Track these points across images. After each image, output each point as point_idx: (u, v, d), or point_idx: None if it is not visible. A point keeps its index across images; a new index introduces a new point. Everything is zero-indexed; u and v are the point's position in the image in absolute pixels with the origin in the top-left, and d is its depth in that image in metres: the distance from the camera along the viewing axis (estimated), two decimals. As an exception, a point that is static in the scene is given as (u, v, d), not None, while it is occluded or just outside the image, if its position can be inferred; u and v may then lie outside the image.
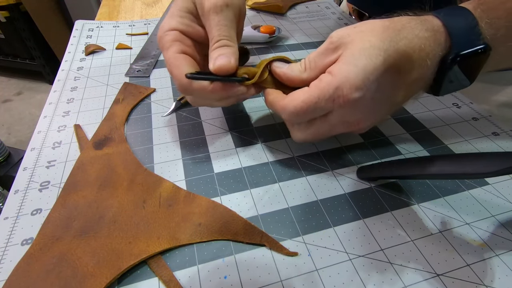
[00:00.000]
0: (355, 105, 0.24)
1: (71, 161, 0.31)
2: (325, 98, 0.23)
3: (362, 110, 0.25)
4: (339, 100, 0.23)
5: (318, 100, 0.23)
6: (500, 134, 0.34)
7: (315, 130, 0.27)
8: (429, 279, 0.22)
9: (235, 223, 0.25)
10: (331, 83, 0.23)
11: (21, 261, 0.23)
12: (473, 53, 0.23)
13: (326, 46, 0.25)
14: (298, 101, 0.24)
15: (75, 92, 0.40)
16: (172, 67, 0.28)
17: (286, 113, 0.26)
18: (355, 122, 0.26)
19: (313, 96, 0.24)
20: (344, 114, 0.25)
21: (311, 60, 0.26)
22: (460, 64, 0.24)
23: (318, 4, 0.66)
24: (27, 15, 1.57)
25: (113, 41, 0.52)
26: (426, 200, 0.27)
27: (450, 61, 0.24)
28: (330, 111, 0.25)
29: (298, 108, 0.24)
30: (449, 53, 0.23)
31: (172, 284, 0.22)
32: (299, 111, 0.25)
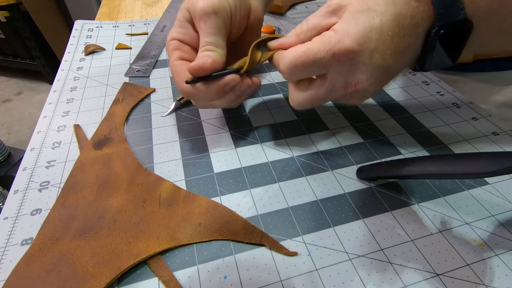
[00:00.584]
0: (354, 61, 0.24)
1: (70, 161, 0.31)
2: (326, 49, 0.24)
3: (361, 69, 0.25)
4: (339, 53, 0.23)
5: (318, 51, 0.24)
6: (500, 134, 0.34)
7: (313, 92, 0.27)
8: (429, 279, 0.22)
9: (235, 223, 0.25)
10: (334, 35, 0.24)
11: (20, 261, 0.23)
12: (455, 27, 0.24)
13: (324, 9, 0.26)
14: (299, 52, 0.25)
15: (74, 92, 0.40)
16: (173, 74, 0.30)
17: (285, 63, 0.26)
18: (353, 82, 0.26)
19: (314, 47, 0.24)
20: (343, 71, 0.25)
21: (309, 22, 0.27)
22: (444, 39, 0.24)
23: (318, 4, 0.66)
24: (27, 15, 1.57)
25: (112, 41, 0.52)
26: (426, 200, 0.27)
27: (433, 34, 0.24)
28: (329, 67, 0.25)
29: (297, 57, 0.25)
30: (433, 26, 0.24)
31: (172, 284, 0.22)
32: (298, 60, 0.25)
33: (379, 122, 0.35)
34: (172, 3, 0.65)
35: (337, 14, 0.25)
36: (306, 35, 0.27)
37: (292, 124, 0.35)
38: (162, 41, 0.51)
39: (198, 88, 0.29)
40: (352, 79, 0.25)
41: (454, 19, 0.24)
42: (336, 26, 0.25)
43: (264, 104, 0.38)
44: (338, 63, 0.24)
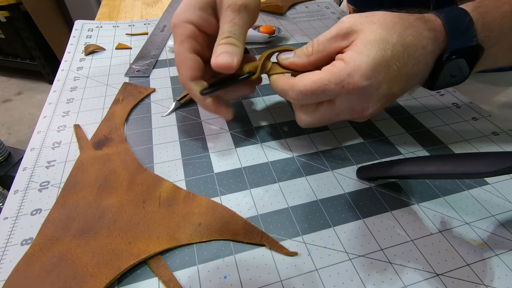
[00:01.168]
0: (362, 93, 0.25)
1: (70, 161, 0.31)
2: (336, 82, 0.24)
3: (368, 98, 0.26)
4: (348, 86, 0.24)
5: (328, 83, 0.24)
6: (500, 134, 0.34)
7: (321, 114, 0.27)
8: (429, 279, 0.22)
9: (235, 223, 0.25)
10: (344, 69, 0.24)
11: (20, 261, 0.23)
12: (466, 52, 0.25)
13: (336, 31, 0.26)
14: (309, 81, 0.25)
15: (74, 92, 0.40)
16: (180, 65, 0.29)
17: (295, 91, 0.26)
18: (359, 109, 0.27)
19: (324, 79, 0.24)
20: (351, 100, 0.26)
21: (319, 43, 0.27)
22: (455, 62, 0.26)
23: (318, 4, 0.66)
24: (27, 15, 1.57)
25: (112, 41, 0.52)
26: (426, 200, 0.27)
27: (445, 59, 0.25)
28: (337, 96, 0.25)
29: (308, 87, 0.25)
30: (445, 51, 0.25)
31: (172, 284, 0.22)
32: (308, 90, 0.25)
33: (379, 122, 0.35)
34: (172, 3, 0.65)
35: (348, 38, 0.26)
36: (316, 56, 0.27)
37: (292, 124, 0.35)
38: (162, 41, 0.51)
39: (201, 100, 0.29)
40: (359, 107, 0.26)
41: (466, 45, 0.25)
42: (347, 56, 0.25)
43: (264, 104, 0.38)
44: (347, 94, 0.25)
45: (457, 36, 0.25)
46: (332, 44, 0.26)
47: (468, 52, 0.25)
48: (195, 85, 0.29)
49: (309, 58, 0.27)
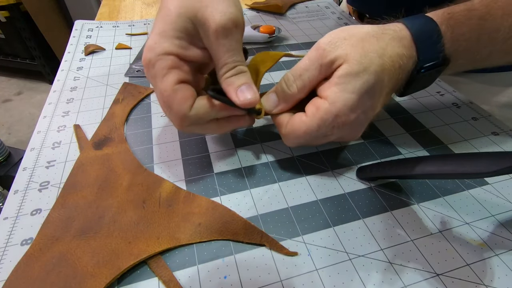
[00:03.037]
0: (352, 124, 0.25)
1: (70, 161, 0.31)
2: (325, 125, 0.25)
3: (357, 127, 0.27)
4: (338, 125, 0.25)
5: (318, 128, 0.25)
6: (500, 134, 0.34)
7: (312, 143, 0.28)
8: (429, 279, 0.22)
9: (235, 223, 0.25)
10: (330, 111, 0.24)
11: (20, 261, 0.23)
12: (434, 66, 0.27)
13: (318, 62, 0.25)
14: (300, 132, 0.26)
15: (74, 92, 0.40)
16: (171, 101, 0.24)
17: (289, 143, 0.28)
18: (351, 136, 0.28)
19: (313, 126, 0.25)
20: (342, 132, 0.26)
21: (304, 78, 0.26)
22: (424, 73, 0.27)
23: (317, 3, 0.66)
24: (27, 15, 1.57)
25: (112, 41, 0.52)
26: (426, 199, 0.27)
27: (416, 73, 0.27)
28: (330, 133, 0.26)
29: (300, 139, 0.26)
30: (416, 66, 0.26)
31: (172, 284, 0.22)
32: (302, 141, 0.27)
33: (379, 122, 0.35)
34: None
35: (331, 67, 0.25)
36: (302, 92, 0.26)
37: (292, 124, 0.35)
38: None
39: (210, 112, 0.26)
40: (351, 135, 0.28)
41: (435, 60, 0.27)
42: (331, 95, 0.24)
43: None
44: (338, 129, 0.25)
45: (426, 52, 0.26)
46: (316, 76, 0.25)
47: (437, 65, 0.27)
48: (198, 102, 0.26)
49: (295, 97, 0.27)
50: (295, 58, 0.47)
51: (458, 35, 0.26)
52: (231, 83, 0.25)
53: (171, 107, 0.25)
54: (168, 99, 0.25)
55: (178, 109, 0.25)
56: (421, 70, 0.26)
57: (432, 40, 0.26)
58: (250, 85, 0.26)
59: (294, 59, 0.47)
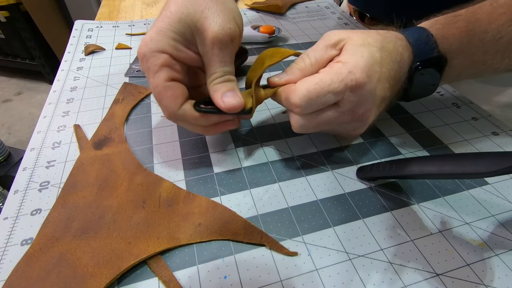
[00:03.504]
0: (363, 90, 0.25)
1: (70, 161, 0.31)
2: (339, 80, 0.24)
3: (368, 100, 0.26)
4: (352, 84, 0.24)
5: (331, 82, 0.24)
6: (500, 134, 0.34)
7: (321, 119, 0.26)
8: (429, 279, 0.22)
9: (235, 223, 0.25)
10: (344, 67, 0.24)
11: (20, 261, 0.23)
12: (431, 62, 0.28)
13: (324, 43, 0.27)
14: (311, 83, 0.24)
15: (74, 92, 0.40)
16: (162, 97, 0.26)
17: (299, 96, 0.24)
18: (361, 113, 0.26)
19: (326, 78, 0.24)
20: (353, 101, 0.25)
21: (311, 56, 0.27)
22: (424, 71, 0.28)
23: (318, 3, 0.66)
24: (27, 15, 1.57)
25: (112, 41, 0.52)
26: (426, 199, 0.27)
27: (414, 69, 0.27)
28: (342, 96, 0.25)
29: (311, 89, 0.24)
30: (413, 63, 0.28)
31: (172, 284, 0.22)
32: (313, 92, 0.24)
33: (379, 122, 0.35)
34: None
35: (336, 47, 0.27)
36: (310, 69, 0.27)
37: (292, 124, 0.35)
38: (162, 41, 0.51)
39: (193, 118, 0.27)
40: (361, 109, 0.26)
41: (428, 56, 0.27)
42: (343, 58, 0.25)
43: (264, 104, 0.38)
44: (350, 93, 0.25)
45: (420, 49, 0.27)
46: (323, 54, 0.27)
47: (433, 62, 0.28)
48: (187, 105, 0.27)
49: (304, 72, 0.27)
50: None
51: (448, 34, 0.28)
52: (217, 89, 0.26)
53: (161, 102, 0.26)
54: (159, 95, 0.26)
55: (167, 105, 0.26)
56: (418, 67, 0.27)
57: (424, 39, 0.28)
58: (236, 91, 0.27)
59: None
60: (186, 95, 0.27)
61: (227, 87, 0.26)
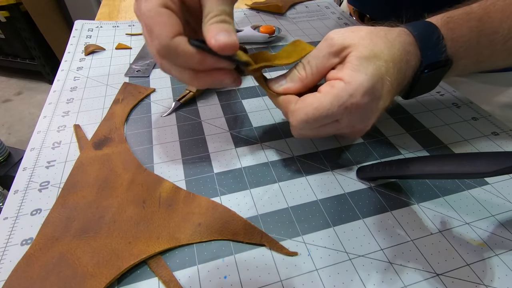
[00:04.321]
0: (363, 111, 0.25)
1: (70, 161, 0.31)
2: (339, 104, 0.24)
3: (368, 116, 0.26)
4: (351, 107, 0.24)
5: (331, 107, 0.24)
6: (500, 134, 0.34)
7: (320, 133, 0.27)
8: (429, 279, 0.22)
9: (235, 223, 0.25)
10: (346, 89, 0.24)
11: (20, 261, 0.23)
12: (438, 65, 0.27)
13: (327, 50, 0.26)
14: (310, 108, 0.24)
15: (74, 92, 0.40)
16: (154, 22, 0.23)
17: (297, 120, 0.25)
18: (360, 127, 0.27)
19: (327, 103, 0.24)
20: (353, 119, 0.26)
21: (312, 65, 0.26)
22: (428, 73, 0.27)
23: (318, 4, 0.66)
24: (27, 15, 1.57)
25: (112, 41, 0.52)
26: (426, 199, 0.27)
27: (420, 72, 0.27)
28: (341, 118, 0.25)
29: (310, 115, 0.24)
30: (420, 66, 0.27)
31: (172, 284, 0.22)
32: (311, 117, 0.24)
33: (379, 122, 0.35)
34: None
35: (340, 55, 0.25)
36: (311, 79, 0.27)
37: (292, 124, 0.35)
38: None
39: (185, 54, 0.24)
40: (360, 125, 0.27)
41: (437, 59, 0.27)
42: (346, 75, 0.24)
43: (264, 104, 0.38)
44: (350, 114, 0.25)
45: (429, 53, 0.26)
46: (325, 62, 0.26)
47: (439, 65, 0.27)
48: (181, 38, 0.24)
49: (304, 82, 0.27)
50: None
51: (458, 36, 0.27)
52: (211, 28, 0.24)
53: (153, 29, 0.23)
54: (151, 20, 0.23)
55: (159, 33, 0.23)
56: (424, 71, 0.27)
57: (433, 42, 0.27)
58: (231, 32, 0.24)
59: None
60: (180, 28, 0.24)
61: (222, 27, 0.24)
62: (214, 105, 0.38)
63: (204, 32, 0.24)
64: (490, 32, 0.27)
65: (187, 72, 0.26)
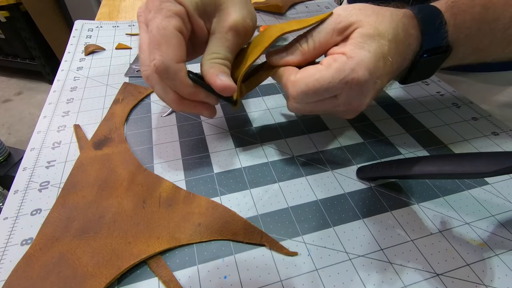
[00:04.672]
0: (362, 88, 0.25)
1: (70, 161, 0.31)
2: (340, 78, 0.24)
3: (365, 94, 0.26)
4: (352, 82, 0.24)
5: (332, 80, 0.24)
6: (500, 134, 0.34)
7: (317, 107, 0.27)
8: (429, 279, 0.22)
9: (235, 223, 0.25)
10: (348, 64, 0.24)
11: (20, 261, 0.23)
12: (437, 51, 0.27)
13: (332, 26, 0.26)
14: (311, 79, 0.24)
15: (74, 92, 0.40)
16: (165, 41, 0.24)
17: (297, 91, 0.25)
18: (356, 105, 0.27)
19: (328, 76, 0.24)
20: (351, 95, 0.25)
21: (315, 40, 0.26)
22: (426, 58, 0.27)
23: (318, 4, 0.66)
24: (27, 15, 1.57)
25: (112, 41, 0.52)
26: (425, 200, 0.27)
27: (419, 57, 0.27)
28: (340, 92, 0.25)
29: (310, 86, 0.24)
30: (420, 49, 0.27)
31: (172, 284, 0.22)
32: (311, 88, 0.24)
33: (379, 122, 0.35)
34: None
35: (344, 32, 0.25)
36: (313, 53, 0.26)
37: (292, 124, 0.35)
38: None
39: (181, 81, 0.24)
40: (357, 102, 0.26)
41: (437, 45, 0.27)
42: (348, 50, 0.24)
43: (264, 104, 0.38)
44: (349, 89, 0.25)
45: (430, 37, 0.26)
46: (328, 39, 0.26)
47: (439, 51, 0.27)
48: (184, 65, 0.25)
49: (305, 56, 0.27)
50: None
51: (461, 22, 0.27)
52: (214, 67, 0.25)
53: (161, 46, 0.24)
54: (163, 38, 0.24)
55: (167, 52, 0.23)
56: (423, 55, 0.27)
57: (436, 26, 0.26)
58: (229, 77, 0.26)
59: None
60: (185, 55, 0.25)
61: (224, 69, 0.26)
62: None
63: (205, 66, 0.26)
64: (492, 20, 0.27)
65: (171, 94, 0.26)
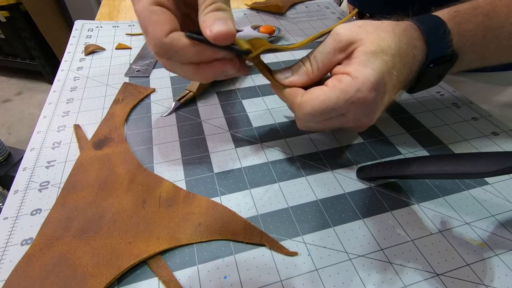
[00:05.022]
0: (370, 105, 0.25)
1: (70, 161, 0.31)
2: (345, 99, 0.24)
3: (374, 110, 0.26)
4: (358, 102, 0.24)
5: (337, 101, 0.24)
6: (500, 134, 0.34)
7: (325, 126, 0.27)
8: (428, 279, 0.22)
9: (235, 223, 0.25)
10: (352, 84, 0.24)
11: (20, 261, 0.23)
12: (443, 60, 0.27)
13: (333, 45, 0.26)
14: (317, 101, 0.24)
15: (74, 92, 0.40)
16: (147, 23, 0.23)
17: (302, 113, 0.25)
18: (366, 121, 0.27)
19: (333, 97, 0.24)
20: (359, 113, 0.25)
21: (318, 60, 0.26)
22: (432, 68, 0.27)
23: (317, 4, 0.66)
24: (27, 15, 1.57)
25: (112, 41, 0.52)
26: (425, 199, 0.27)
27: (425, 67, 0.27)
28: (346, 112, 0.25)
29: (316, 108, 0.24)
30: (426, 60, 0.27)
31: (172, 284, 0.22)
32: (317, 110, 0.24)
33: (379, 122, 0.35)
34: None
35: (346, 50, 0.25)
36: (317, 74, 0.27)
37: (292, 124, 0.35)
38: (162, 41, 0.51)
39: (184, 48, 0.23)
40: (366, 119, 0.26)
41: (443, 54, 0.27)
42: (352, 70, 0.24)
43: (264, 104, 0.38)
44: (356, 108, 0.25)
45: (435, 46, 0.26)
46: (331, 59, 0.26)
47: (445, 60, 0.27)
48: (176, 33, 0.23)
49: (309, 76, 0.27)
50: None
51: (465, 30, 0.27)
52: (206, 19, 0.23)
53: (147, 30, 0.23)
54: (144, 20, 0.23)
55: (152, 32, 0.23)
56: (429, 65, 0.27)
57: (440, 35, 0.26)
58: (226, 20, 0.23)
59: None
60: (175, 24, 0.24)
61: (217, 16, 0.23)
62: (214, 105, 0.38)
63: (200, 23, 0.23)
64: (496, 27, 0.27)
65: (188, 67, 0.25)
